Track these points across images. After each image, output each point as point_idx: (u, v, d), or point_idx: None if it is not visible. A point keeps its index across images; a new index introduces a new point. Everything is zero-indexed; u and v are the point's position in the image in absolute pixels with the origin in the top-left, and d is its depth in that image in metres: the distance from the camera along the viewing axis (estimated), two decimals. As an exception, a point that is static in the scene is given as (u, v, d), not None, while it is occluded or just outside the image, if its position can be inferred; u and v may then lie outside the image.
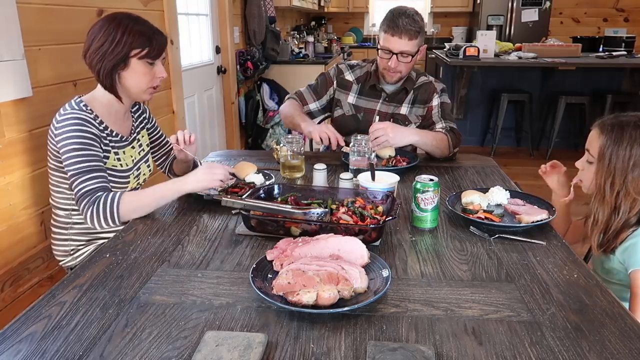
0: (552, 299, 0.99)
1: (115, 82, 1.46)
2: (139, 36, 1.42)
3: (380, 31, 1.92)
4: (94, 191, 1.36)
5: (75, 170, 1.37)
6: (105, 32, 1.40)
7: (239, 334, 0.86)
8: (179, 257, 1.17)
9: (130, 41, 1.41)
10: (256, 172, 1.67)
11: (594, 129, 1.34)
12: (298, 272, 0.97)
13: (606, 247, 1.30)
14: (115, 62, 1.42)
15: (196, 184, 1.40)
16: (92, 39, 1.42)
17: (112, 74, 1.44)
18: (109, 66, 1.42)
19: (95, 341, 0.87)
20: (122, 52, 1.41)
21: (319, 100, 2.10)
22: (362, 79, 2.08)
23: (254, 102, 4.42)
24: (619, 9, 7.11)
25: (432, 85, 2.05)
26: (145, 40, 1.43)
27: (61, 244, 1.57)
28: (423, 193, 1.28)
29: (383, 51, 1.90)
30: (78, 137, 1.39)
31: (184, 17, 3.37)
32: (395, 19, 1.84)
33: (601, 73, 4.91)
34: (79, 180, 1.36)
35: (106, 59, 1.41)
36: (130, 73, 1.45)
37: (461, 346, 0.85)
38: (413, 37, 1.84)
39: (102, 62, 1.42)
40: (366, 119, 2.05)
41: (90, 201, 1.34)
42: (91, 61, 1.43)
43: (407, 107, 2.04)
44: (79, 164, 1.37)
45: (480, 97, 5.19)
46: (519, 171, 4.49)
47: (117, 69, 1.44)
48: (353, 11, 8.20)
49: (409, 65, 1.93)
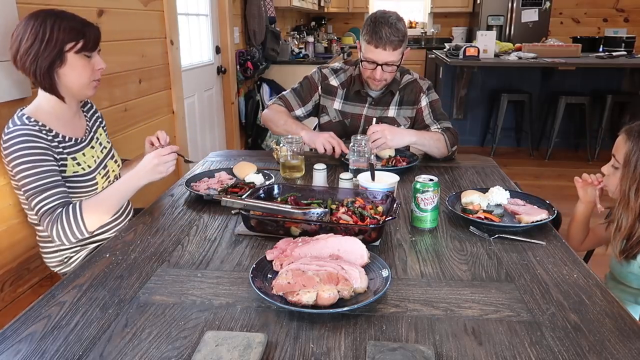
0: (552, 299, 0.99)
1: (54, 81, 1.39)
2: (70, 30, 1.36)
3: (362, 40, 1.84)
4: (53, 209, 1.32)
5: (32, 190, 1.32)
6: (32, 31, 1.33)
7: (239, 334, 0.86)
8: (178, 257, 1.17)
9: (62, 36, 1.35)
10: (256, 172, 1.67)
11: (621, 134, 1.33)
12: (298, 272, 0.97)
13: (628, 254, 1.29)
14: (51, 60, 1.35)
15: (150, 175, 1.38)
16: (19, 40, 1.35)
17: (49, 72, 1.37)
18: (45, 65, 1.35)
19: (95, 341, 0.87)
20: (55, 47, 1.34)
21: (304, 106, 2.05)
22: (347, 83, 2.02)
23: (254, 102, 4.42)
24: (619, 9, 7.11)
25: (417, 83, 2.01)
26: (77, 33, 1.38)
27: (52, 255, 1.54)
28: (423, 193, 1.28)
29: (367, 62, 1.84)
30: (27, 155, 1.32)
31: (184, 17, 3.37)
32: (378, 30, 1.76)
33: (601, 73, 4.91)
34: (37, 199, 1.32)
35: (40, 57, 1.34)
36: (68, 69, 1.38)
37: (461, 346, 0.85)
38: (397, 46, 1.79)
39: (37, 62, 1.34)
40: (353, 124, 2.03)
41: (52, 219, 1.31)
42: (24, 63, 1.36)
43: (395, 109, 2.01)
44: (34, 183, 1.32)
45: (480, 97, 5.19)
46: (519, 171, 4.50)
47: (54, 67, 1.36)
48: (353, 11, 8.20)
49: (393, 73, 1.90)
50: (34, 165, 1.33)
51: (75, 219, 1.32)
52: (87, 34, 1.40)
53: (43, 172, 1.33)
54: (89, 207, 1.34)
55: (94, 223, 1.35)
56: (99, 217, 1.37)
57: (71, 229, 1.32)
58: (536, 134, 5.11)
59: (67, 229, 1.31)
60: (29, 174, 1.32)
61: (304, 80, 2.09)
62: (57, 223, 1.31)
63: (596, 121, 4.75)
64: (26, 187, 1.33)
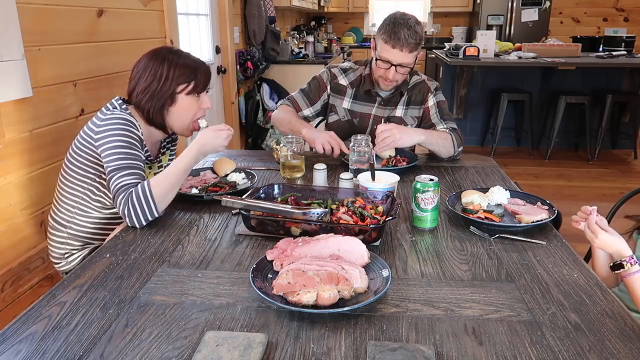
0: (552, 299, 0.99)
1: (165, 120, 1.48)
2: (184, 70, 1.43)
3: (379, 39, 1.85)
4: (130, 185, 1.33)
5: (115, 166, 1.35)
6: (151, 71, 1.41)
7: (239, 334, 0.86)
8: (179, 257, 1.17)
9: (177, 76, 1.42)
10: (237, 171, 1.68)
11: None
12: (298, 272, 0.97)
13: None
14: (164, 100, 1.43)
15: (211, 148, 1.43)
16: (137, 77, 1.43)
17: (161, 111, 1.45)
18: (159, 105, 1.43)
19: (95, 341, 0.87)
20: (170, 89, 1.42)
21: (312, 106, 2.06)
22: (356, 82, 2.03)
23: (254, 102, 4.42)
24: (619, 9, 7.11)
25: (425, 84, 2.03)
26: (190, 74, 1.44)
27: (57, 245, 1.55)
28: (423, 193, 1.28)
29: (381, 61, 1.85)
30: (124, 136, 1.37)
31: (184, 17, 3.37)
32: (397, 30, 1.77)
33: (601, 73, 4.91)
34: (117, 175, 1.34)
35: (155, 97, 1.42)
36: (177, 109, 1.46)
37: (461, 346, 0.85)
38: (413, 49, 1.80)
39: (152, 102, 1.43)
40: (362, 124, 2.04)
41: (126, 196, 1.31)
42: (139, 101, 1.44)
43: (402, 109, 2.02)
44: (120, 161, 1.35)
45: (480, 97, 5.19)
46: (519, 171, 4.50)
47: (165, 106, 1.45)
48: (353, 11, 8.20)
49: (405, 75, 1.91)
50: (126, 146, 1.37)
51: (145, 197, 1.31)
52: (198, 75, 1.46)
53: (132, 155, 1.38)
54: (157, 183, 1.34)
55: (162, 200, 1.34)
56: (167, 194, 1.36)
57: (142, 208, 1.31)
58: (536, 134, 5.12)
59: (139, 207, 1.31)
60: (120, 151, 1.36)
61: (312, 81, 2.10)
62: (129, 202, 1.31)
63: (596, 121, 4.75)
64: (112, 162, 1.35)
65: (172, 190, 1.38)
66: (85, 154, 1.44)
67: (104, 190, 1.49)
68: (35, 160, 1.79)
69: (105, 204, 1.52)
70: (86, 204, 1.50)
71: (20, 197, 1.74)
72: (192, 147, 1.42)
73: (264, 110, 4.48)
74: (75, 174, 1.48)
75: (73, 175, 1.48)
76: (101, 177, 1.47)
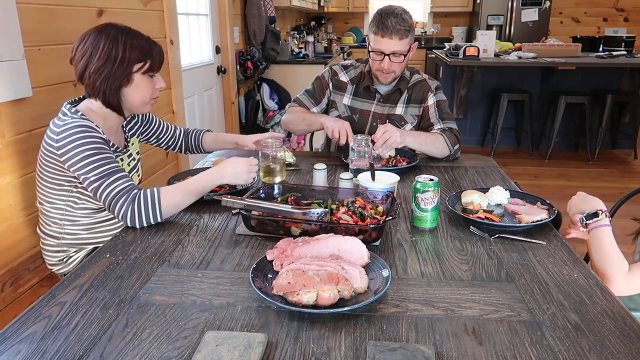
0: (552, 299, 0.99)
1: (121, 100, 1.43)
2: (139, 50, 1.39)
3: (370, 33, 1.90)
4: (128, 189, 1.32)
5: (97, 176, 1.31)
6: (104, 49, 1.35)
7: (239, 334, 0.86)
8: (179, 257, 1.17)
9: (133, 56, 1.38)
10: None
11: None
12: (298, 272, 0.97)
13: None
14: (121, 81, 1.39)
15: (234, 179, 1.43)
16: (87, 57, 1.36)
17: (117, 93, 1.41)
18: (115, 86, 1.39)
19: (95, 341, 0.87)
20: (126, 69, 1.38)
21: (318, 105, 2.09)
22: (356, 79, 2.06)
23: (254, 102, 4.42)
24: (619, 9, 7.11)
25: (426, 83, 2.04)
26: (145, 54, 1.41)
27: (53, 254, 1.54)
28: (423, 193, 1.28)
29: (374, 53, 1.89)
30: (89, 144, 1.32)
31: (184, 17, 3.37)
32: (384, 20, 1.82)
33: (601, 73, 4.91)
34: (105, 184, 1.31)
35: (111, 77, 1.38)
36: (133, 89, 1.42)
37: (461, 346, 0.85)
38: (403, 36, 1.83)
39: (107, 82, 1.38)
40: (362, 120, 2.05)
41: (129, 199, 1.30)
42: (93, 82, 1.38)
43: (402, 107, 2.04)
44: (99, 169, 1.31)
45: (480, 97, 5.19)
46: (518, 171, 4.50)
47: (122, 87, 1.41)
48: (353, 11, 8.20)
49: (402, 65, 1.92)
50: (97, 153, 1.33)
51: (153, 202, 1.31)
52: (153, 54, 1.43)
53: (107, 159, 1.34)
54: (168, 194, 1.34)
55: (168, 211, 1.34)
56: (175, 207, 1.36)
57: (147, 212, 1.31)
58: (536, 134, 5.12)
59: (143, 210, 1.31)
60: (93, 160, 1.32)
61: (315, 81, 2.13)
62: (134, 203, 1.30)
63: (596, 121, 4.75)
64: (90, 173, 1.31)
65: (180, 206, 1.38)
66: (54, 171, 1.41)
67: (86, 197, 1.47)
68: (35, 161, 1.78)
69: (93, 209, 1.50)
70: (72, 214, 1.48)
71: (20, 197, 1.74)
72: (215, 173, 1.41)
73: (264, 110, 4.48)
74: (51, 190, 1.45)
75: (49, 191, 1.45)
76: (77, 187, 1.44)
